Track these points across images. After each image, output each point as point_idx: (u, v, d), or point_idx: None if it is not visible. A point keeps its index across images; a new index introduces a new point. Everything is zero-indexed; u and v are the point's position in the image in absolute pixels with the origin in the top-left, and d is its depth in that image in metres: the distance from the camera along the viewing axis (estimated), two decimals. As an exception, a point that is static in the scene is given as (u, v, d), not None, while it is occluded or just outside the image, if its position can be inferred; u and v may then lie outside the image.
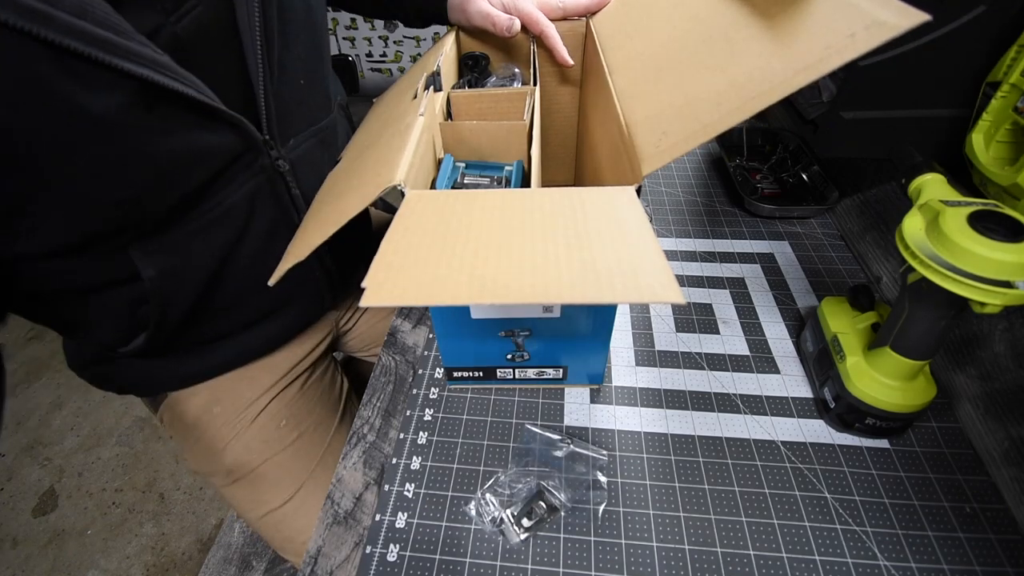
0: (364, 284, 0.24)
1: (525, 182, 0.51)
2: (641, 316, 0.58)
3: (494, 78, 0.59)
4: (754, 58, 0.30)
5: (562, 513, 0.42)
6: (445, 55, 0.54)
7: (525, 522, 0.41)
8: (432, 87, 0.50)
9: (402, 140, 0.39)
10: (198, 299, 0.49)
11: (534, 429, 0.47)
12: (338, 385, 0.72)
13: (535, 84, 0.52)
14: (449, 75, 0.56)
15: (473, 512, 0.42)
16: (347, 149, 0.57)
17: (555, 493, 0.42)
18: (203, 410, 0.60)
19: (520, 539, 0.40)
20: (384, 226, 0.89)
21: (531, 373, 0.49)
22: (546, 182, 0.75)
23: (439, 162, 0.50)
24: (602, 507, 0.42)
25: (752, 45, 0.31)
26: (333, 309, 0.71)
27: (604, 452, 0.45)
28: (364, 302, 0.23)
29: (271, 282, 0.37)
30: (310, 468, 0.61)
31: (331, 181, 0.48)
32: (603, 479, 0.44)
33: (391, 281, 0.24)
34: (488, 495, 0.43)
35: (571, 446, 0.45)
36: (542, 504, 0.42)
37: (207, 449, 0.60)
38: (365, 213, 0.66)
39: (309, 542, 0.43)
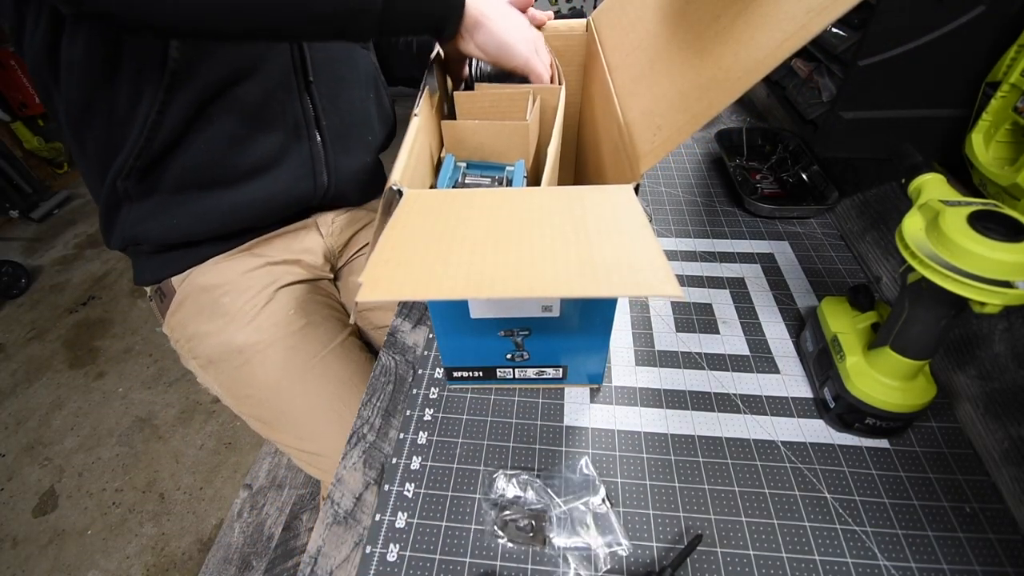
0: (361, 279, 0.24)
1: (535, 181, 0.51)
2: (641, 316, 0.58)
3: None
4: (740, 34, 0.30)
5: (561, 514, 0.42)
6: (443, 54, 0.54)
7: (524, 522, 0.41)
8: (428, 87, 0.50)
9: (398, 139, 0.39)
10: (203, 103, 0.55)
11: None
12: (338, 305, 0.74)
13: (561, 84, 0.52)
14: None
15: (473, 513, 0.42)
16: None
17: (554, 495, 0.42)
18: (214, 300, 0.65)
19: (519, 541, 0.40)
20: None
21: (531, 373, 0.49)
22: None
23: (438, 162, 0.50)
24: (603, 508, 0.42)
25: (738, 21, 0.31)
26: (322, 211, 0.75)
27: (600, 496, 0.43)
28: (361, 296, 0.23)
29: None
30: (317, 354, 0.64)
31: None
32: (600, 483, 0.44)
33: (389, 276, 0.24)
34: (489, 496, 0.43)
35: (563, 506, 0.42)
36: (541, 506, 0.42)
37: (219, 333, 0.64)
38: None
39: (311, 432, 0.44)
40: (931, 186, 0.39)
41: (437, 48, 0.54)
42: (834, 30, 0.57)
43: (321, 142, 0.65)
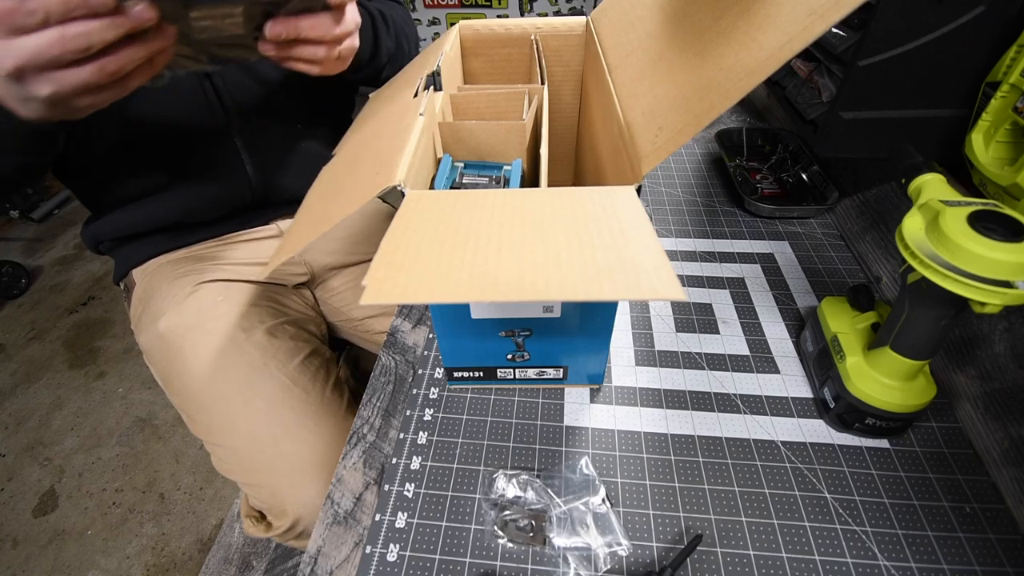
0: (364, 282, 0.24)
1: (532, 181, 0.51)
2: (641, 316, 0.58)
3: None
4: (741, 35, 0.30)
5: (561, 514, 0.42)
6: (446, 54, 0.54)
7: (524, 522, 0.41)
8: (432, 87, 0.50)
9: (401, 140, 0.39)
10: (123, 120, 0.58)
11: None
12: (285, 303, 0.73)
13: (543, 83, 0.52)
14: (450, 74, 0.56)
15: (473, 513, 0.42)
16: (342, 145, 0.57)
17: (554, 495, 0.42)
18: (154, 287, 0.68)
19: (519, 541, 0.40)
20: (387, 216, 0.91)
21: (531, 373, 0.49)
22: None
23: (439, 162, 0.50)
24: (603, 508, 0.42)
25: (739, 22, 0.31)
26: (277, 211, 0.75)
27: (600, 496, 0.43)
28: (364, 299, 0.23)
29: (264, 275, 0.38)
30: (235, 338, 0.63)
31: (327, 176, 0.48)
32: (600, 483, 0.44)
33: (391, 279, 0.24)
34: (489, 496, 0.43)
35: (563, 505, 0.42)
36: (541, 506, 0.42)
37: (151, 317, 0.65)
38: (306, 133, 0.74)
39: (220, 421, 0.51)
40: (931, 186, 0.39)
41: (443, 53, 0.54)
42: (834, 30, 0.57)
43: (241, 136, 0.66)
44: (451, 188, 0.48)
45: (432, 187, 0.46)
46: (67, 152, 0.57)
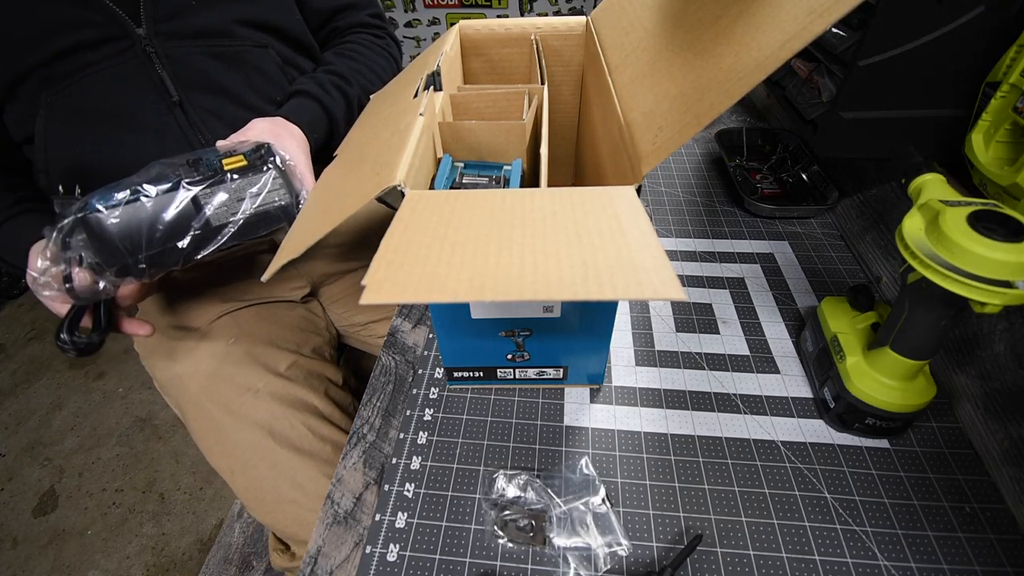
0: (364, 282, 0.24)
1: (532, 181, 0.51)
2: (641, 316, 0.58)
3: None
4: (741, 35, 0.30)
5: (561, 514, 0.42)
6: (446, 54, 0.54)
7: (524, 522, 0.41)
8: (432, 87, 0.50)
9: (401, 140, 0.39)
10: (80, 163, 0.58)
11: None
12: (323, 328, 0.74)
13: (543, 83, 0.52)
14: (450, 74, 0.56)
15: (473, 513, 0.42)
16: (343, 146, 0.57)
17: (554, 495, 0.42)
18: (161, 319, 0.68)
19: (519, 541, 0.40)
20: (384, 220, 0.90)
21: (531, 373, 0.49)
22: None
23: (439, 162, 0.50)
24: (603, 508, 0.42)
25: (739, 21, 0.31)
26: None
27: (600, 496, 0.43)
28: (364, 299, 0.23)
29: (264, 278, 0.38)
30: (252, 387, 0.63)
31: (328, 178, 0.48)
32: (600, 483, 0.44)
33: (391, 278, 0.24)
34: (489, 496, 0.43)
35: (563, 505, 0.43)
36: (541, 506, 0.42)
37: (166, 352, 0.67)
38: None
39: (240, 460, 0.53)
40: (931, 186, 0.39)
41: (443, 53, 0.54)
42: (834, 30, 0.57)
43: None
44: (451, 188, 0.48)
45: (432, 187, 0.46)
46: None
